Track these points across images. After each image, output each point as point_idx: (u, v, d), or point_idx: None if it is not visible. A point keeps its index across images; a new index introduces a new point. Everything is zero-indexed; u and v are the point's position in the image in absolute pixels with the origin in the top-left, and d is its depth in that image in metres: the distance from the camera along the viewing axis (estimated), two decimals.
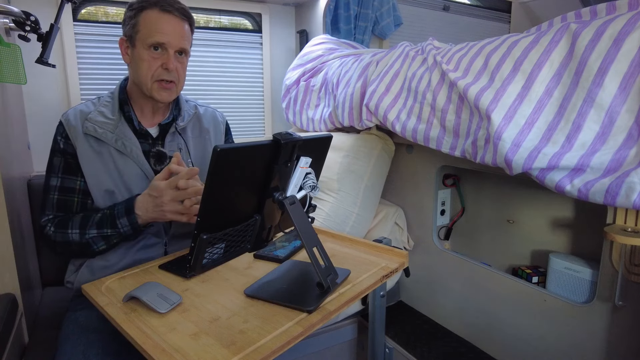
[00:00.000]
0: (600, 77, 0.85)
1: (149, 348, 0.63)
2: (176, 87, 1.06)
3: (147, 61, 1.00)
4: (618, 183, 0.80)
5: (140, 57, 1.01)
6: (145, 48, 1.00)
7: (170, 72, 1.02)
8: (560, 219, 1.29)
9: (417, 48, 1.35)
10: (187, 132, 1.13)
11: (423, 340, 1.37)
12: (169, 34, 1.00)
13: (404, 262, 0.95)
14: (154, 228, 1.06)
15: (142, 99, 1.07)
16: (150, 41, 0.99)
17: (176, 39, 1.01)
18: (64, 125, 1.03)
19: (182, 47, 1.03)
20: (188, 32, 1.05)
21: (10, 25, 1.22)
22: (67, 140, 1.03)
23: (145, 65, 1.01)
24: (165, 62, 1.01)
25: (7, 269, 1.01)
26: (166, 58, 1.01)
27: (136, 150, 1.04)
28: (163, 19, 1.00)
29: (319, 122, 1.72)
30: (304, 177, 0.81)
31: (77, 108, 1.07)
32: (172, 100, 1.08)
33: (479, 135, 1.04)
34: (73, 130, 1.03)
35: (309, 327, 0.69)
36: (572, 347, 1.06)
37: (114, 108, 1.06)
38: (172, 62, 1.01)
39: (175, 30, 1.01)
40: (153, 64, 1.01)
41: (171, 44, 1.01)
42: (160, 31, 0.99)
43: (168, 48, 1.01)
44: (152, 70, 1.01)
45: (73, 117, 1.04)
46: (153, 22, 0.99)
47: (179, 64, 1.04)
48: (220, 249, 0.71)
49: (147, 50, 1.00)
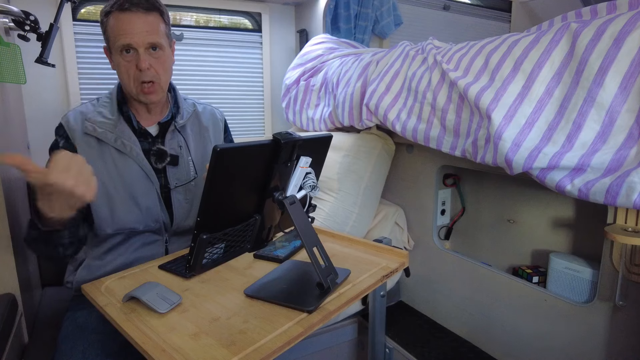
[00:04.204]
0: (600, 77, 0.85)
1: (148, 348, 0.63)
2: (159, 86, 1.02)
3: (123, 66, 0.98)
4: (618, 183, 0.80)
5: (117, 63, 0.99)
6: (118, 53, 0.98)
7: (144, 71, 0.98)
8: (561, 219, 1.29)
9: (418, 47, 1.35)
10: (186, 130, 1.13)
11: (423, 340, 1.37)
12: (131, 33, 0.96)
13: (404, 262, 0.95)
14: (155, 225, 1.06)
15: (134, 101, 1.06)
16: (117, 45, 0.97)
17: (140, 36, 0.96)
18: (64, 127, 1.03)
19: (150, 42, 0.98)
20: (156, 24, 0.99)
21: (9, 24, 1.22)
22: (67, 140, 1.02)
23: (123, 70, 0.99)
24: (138, 63, 0.97)
25: (7, 269, 1.01)
26: (137, 58, 0.98)
27: (136, 149, 1.04)
28: (123, 19, 0.96)
29: (319, 121, 1.72)
30: (304, 177, 0.80)
31: (77, 110, 1.06)
32: (159, 99, 1.05)
33: (479, 135, 1.03)
34: (73, 132, 1.02)
35: (309, 327, 0.69)
36: (572, 347, 1.06)
37: (112, 108, 1.06)
38: (143, 61, 0.97)
39: (138, 27, 0.96)
40: (129, 68, 0.98)
41: (137, 42, 0.96)
42: (123, 32, 0.96)
43: (136, 47, 0.97)
44: (130, 75, 0.99)
45: (73, 119, 1.03)
46: (115, 25, 0.97)
47: (154, 60, 1.00)
48: (220, 248, 0.70)
49: (120, 55, 0.98)
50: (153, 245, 1.08)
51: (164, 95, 1.07)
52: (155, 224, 1.05)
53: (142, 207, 1.03)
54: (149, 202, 1.04)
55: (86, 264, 1.04)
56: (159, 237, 1.08)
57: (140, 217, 1.03)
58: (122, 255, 1.04)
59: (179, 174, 1.08)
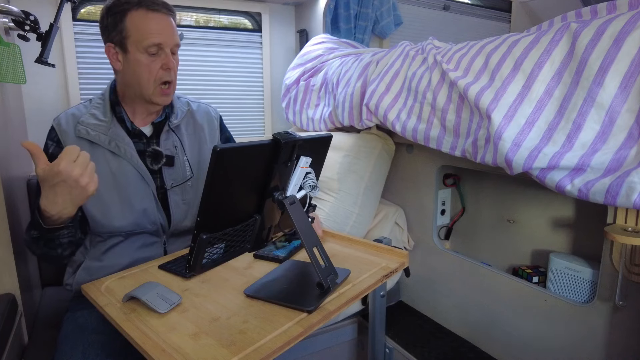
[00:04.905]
0: (600, 77, 0.85)
1: (148, 348, 0.63)
2: (173, 87, 1.05)
3: (146, 65, 0.98)
4: (618, 183, 0.80)
5: (137, 61, 0.98)
6: (142, 52, 0.97)
7: (169, 71, 1.00)
8: (561, 219, 1.29)
9: (417, 47, 1.35)
10: (181, 130, 1.12)
11: (423, 340, 1.37)
12: (162, 33, 0.97)
13: (404, 262, 0.95)
14: (152, 227, 1.05)
15: (136, 101, 1.05)
16: (146, 44, 0.96)
17: (170, 37, 0.99)
18: (56, 130, 1.02)
19: (176, 43, 1.01)
20: (175, 27, 1.03)
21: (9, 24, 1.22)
22: (58, 144, 1.01)
23: (144, 69, 0.98)
24: (165, 62, 0.99)
25: (7, 269, 1.01)
26: (165, 58, 0.99)
27: (130, 150, 1.03)
28: (153, 19, 0.97)
29: (319, 121, 1.72)
30: (304, 177, 0.80)
31: (69, 112, 1.05)
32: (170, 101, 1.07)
33: (479, 135, 1.03)
34: (65, 135, 1.01)
35: (309, 327, 0.69)
36: (572, 347, 1.06)
37: (105, 109, 1.04)
38: (171, 61, 1.00)
39: (167, 27, 0.99)
40: (153, 67, 0.98)
41: (167, 43, 0.98)
42: (154, 32, 0.96)
43: (165, 47, 0.98)
44: (153, 74, 0.99)
45: (65, 121, 1.02)
46: (143, 24, 0.96)
47: (174, 62, 1.03)
48: (220, 248, 0.70)
49: (144, 53, 0.97)
50: (151, 247, 1.07)
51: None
52: (152, 225, 1.05)
53: (138, 210, 1.02)
54: (145, 204, 1.03)
55: (85, 266, 1.03)
56: (157, 238, 1.08)
57: (136, 219, 1.02)
58: (120, 258, 1.04)
59: (175, 174, 1.08)
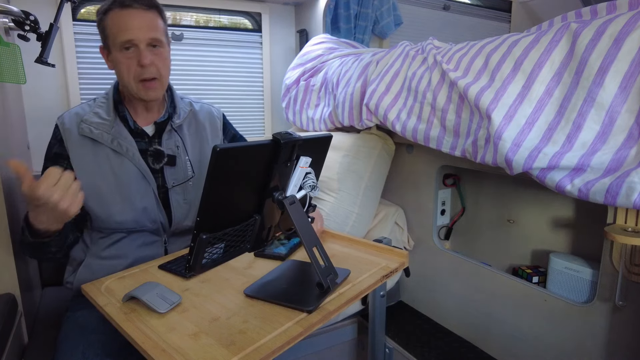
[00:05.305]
0: (600, 77, 0.85)
1: (148, 348, 0.63)
2: (160, 83, 1.03)
3: (124, 63, 0.98)
4: (618, 183, 0.80)
5: (117, 60, 0.99)
6: (118, 50, 0.98)
7: (146, 67, 0.98)
8: (561, 219, 1.29)
9: (417, 47, 1.35)
10: (183, 130, 1.12)
11: (423, 340, 1.37)
12: (133, 28, 0.96)
13: (404, 262, 0.95)
14: (153, 226, 1.06)
15: (133, 99, 1.06)
16: (119, 42, 0.97)
17: (142, 32, 0.97)
18: (60, 128, 1.03)
19: (151, 37, 0.98)
20: (157, 22, 1.00)
21: (9, 24, 1.22)
22: (61, 143, 1.02)
23: (123, 67, 0.99)
24: (139, 59, 0.97)
25: (7, 269, 1.01)
26: (138, 54, 0.97)
27: (132, 149, 1.03)
28: (125, 15, 0.96)
29: (319, 121, 1.72)
30: (303, 177, 0.81)
31: (73, 110, 1.06)
32: (160, 96, 1.06)
33: (479, 135, 1.03)
34: (68, 133, 1.02)
35: (309, 327, 0.69)
36: (572, 347, 1.06)
37: (108, 108, 1.05)
38: (145, 56, 0.97)
39: (141, 23, 0.97)
40: (130, 65, 0.98)
41: (139, 38, 0.97)
42: (125, 28, 0.96)
43: (138, 43, 0.97)
44: (131, 72, 0.99)
45: (68, 120, 1.04)
46: (117, 22, 0.97)
47: (156, 57, 1.00)
48: (219, 248, 0.70)
49: (120, 52, 0.98)
50: (152, 246, 1.07)
51: (164, 92, 1.07)
52: (152, 224, 1.05)
53: (138, 208, 1.03)
54: (146, 203, 1.04)
55: (86, 263, 1.04)
56: (157, 237, 1.08)
57: (137, 217, 1.03)
58: (121, 256, 1.04)
59: (177, 174, 1.08)
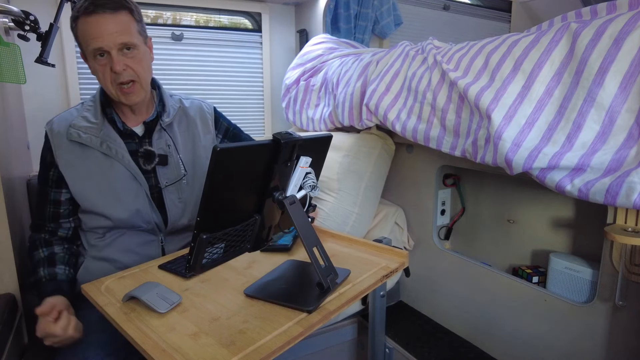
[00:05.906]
0: (600, 77, 0.85)
1: (148, 348, 0.63)
2: (139, 84, 1.01)
3: (99, 70, 0.97)
4: (618, 183, 0.80)
5: (93, 68, 0.98)
6: (92, 58, 0.96)
7: (121, 73, 0.96)
8: (561, 219, 1.29)
9: (417, 47, 1.35)
10: (173, 128, 1.11)
11: (423, 340, 1.37)
12: (102, 35, 0.93)
13: (404, 262, 0.95)
14: (147, 226, 1.06)
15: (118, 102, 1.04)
16: (90, 50, 0.95)
17: (110, 38, 0.94)
18: (48, 135, 1.03)
19: (121, 42, 0.95)
20: (126, 23, 0.96)
21: (9, 24, 1.22)
22: (50, 152, 1.02)
23: (99, 75, 0.98)
24: (112, 65, 0.95)
25: (7, 269, 1.01)
26: (110, 61, 0.95)
27: (122, 151, 1.03)
28: (91, 23, 0.93)
29: (319, 121, 1.72)
30: (304, 177, 0.80)
31: (61, 115, 1.06)
32: (141, 99, 1.04)
33: (479, 135, 1.03)
34: (56, 139, 1.02)
35: (309, 327, 0.69)
36: (572, 347, 1.06)
37: (96, 111, 1.05)
38: (116, 63, 0.95)
39: (109, 28, 0.93)
40: (105, 72, 0.97)
41: (108, 45, 0.94)
42: (93, 36, 0.93)
43: (109, 50, 0.94)
44: (107, 78, 0.97)
45: (57, 125, 1.03)
46: (85, 29, 0.94)
47: (130, 60, 0.97)
48: (220, 248, 0.70)
49: (94, 59, 0.96)
50: (149, 246, 1.08)
51: (147, 94, 1.05)
52: (147, 225, 1.05)
53: (130, 210, 1.03)
54: (139, 205, 1.03)
55: (85, 265, 1.04)
56: (154, 237, 1.08)
57: (130, 219, 1.03)
58: (119, 255, 1.04)
59: (169, 173, 1.08)
